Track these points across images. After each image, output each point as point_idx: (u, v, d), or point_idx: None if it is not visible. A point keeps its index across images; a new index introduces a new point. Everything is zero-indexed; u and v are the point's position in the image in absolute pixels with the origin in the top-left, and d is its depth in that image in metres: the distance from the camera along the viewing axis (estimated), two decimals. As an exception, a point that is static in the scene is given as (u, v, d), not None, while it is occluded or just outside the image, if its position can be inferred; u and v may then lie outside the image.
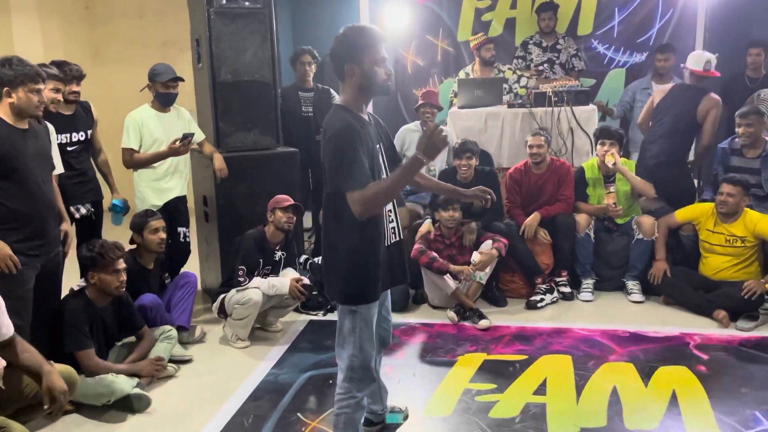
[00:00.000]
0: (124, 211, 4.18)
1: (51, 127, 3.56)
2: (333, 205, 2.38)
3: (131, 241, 3.84)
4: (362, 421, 2.60)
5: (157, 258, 3.94)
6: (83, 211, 3.97)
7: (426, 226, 4.56)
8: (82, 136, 3.97)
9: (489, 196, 2.70)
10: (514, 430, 2.94)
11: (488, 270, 4.36)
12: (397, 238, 2.53)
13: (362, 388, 2.51)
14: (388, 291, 2.69)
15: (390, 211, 2.47)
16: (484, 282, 4.38)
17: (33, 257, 3.04)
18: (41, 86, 2.99)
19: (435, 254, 4.34)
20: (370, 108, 2.72)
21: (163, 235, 3.84)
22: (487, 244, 4.37)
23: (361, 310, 2.43)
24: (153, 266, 3.89)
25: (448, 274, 4.28)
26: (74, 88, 3.88)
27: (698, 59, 4.70)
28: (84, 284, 3.36)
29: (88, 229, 4.03)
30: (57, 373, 2.72)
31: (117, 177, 4.30)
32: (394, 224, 2.50)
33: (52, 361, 2.82)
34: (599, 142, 4.64)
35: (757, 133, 4.45)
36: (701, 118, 4.59)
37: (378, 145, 2.45)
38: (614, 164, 4.52)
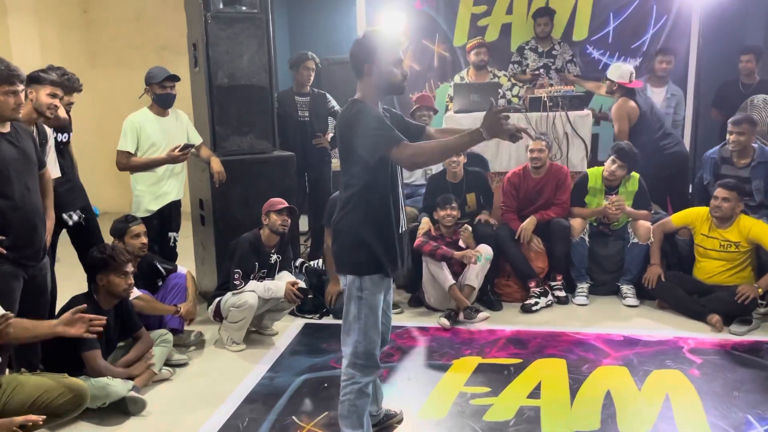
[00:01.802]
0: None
1: (49, 131, 3.53)
2: (351, 180, 2.51)
3: None
4: (367, 409, 2.64)
5: (146, 261, 3.95)
6: (75, 218, 3.85)
7: (425, 222, 4.59)
8: (65, 137, 3.86)
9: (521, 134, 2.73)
10: (508, 434, 2.96)
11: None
12: (404, 229, 2.65)
13: (366, 374, 2.57)
14: (392, 286, 2.80)
15: (398, 202, 2.59)
16: (483, 274, 4.39)
17: (18, 266, 2.92)
18: (18, 87, 2.85)
19: (437, 243, 4.37)
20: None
21: (145, 240, 3.83)
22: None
23: (367, 296, 2.52)
24: (138, 270, 3.89)
25: (446, 268, 4.30)
26: (72, 99, 3.78)
27: (623, 72, 5.06)
28: None
29: (82, 235, 3.92)
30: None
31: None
32: (401, 215, 2.61)
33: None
34: (610, 157, 4.65)
35: (747, 142, 4.49)
36: None
37: None
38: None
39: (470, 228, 4.52)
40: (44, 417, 2.52)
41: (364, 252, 2.51)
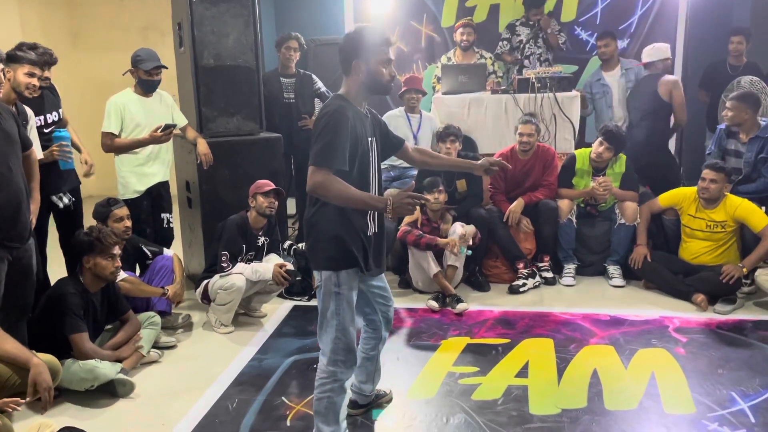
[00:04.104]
0: (68, 140, 3.66)
1: (29, 111, 3.48)
2: None
3: None
4: (345, 404, 2.63)
5: (131, 243, 3.92)
6: (65, 200, 3.79)
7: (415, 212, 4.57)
8: (55, 116, 3.79)
9: (497, 167, 2.85)
10: (496, 412, 2.98)
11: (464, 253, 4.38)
12: (377, 230, 2.59)
13: (348, 368, 2.55)
14: (383, 275, 2.76)
15: None
16: (464, 257, 4.40)
17: (2, 248, 2.88)
18: None
19: (421, 232, 4.37)
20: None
21: (128, 223, 3.80)
22: (456, 227, 4.39)
23: (344, 291, 2.48)
24: (123, 252, 3.85)
25: (431, 256, 4.30)
26: (46, 74, 3.60)
27: (661, 50, 5.17)
28: None
29: (69, 219, 3.87)
30: (46, 369, 2.67)
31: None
32: (372, 215, 2.55)
33: (35, 351, 2.80)
34: (598, 139, 4.66)
35: (737, 118, 4.47)
36: (667, 99, 5.08)
37: (370, 139, 2.53)
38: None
39: (451, 217, 4.54)
40: (23, 401, 2.51)
41: (340, 246, 2.45)
